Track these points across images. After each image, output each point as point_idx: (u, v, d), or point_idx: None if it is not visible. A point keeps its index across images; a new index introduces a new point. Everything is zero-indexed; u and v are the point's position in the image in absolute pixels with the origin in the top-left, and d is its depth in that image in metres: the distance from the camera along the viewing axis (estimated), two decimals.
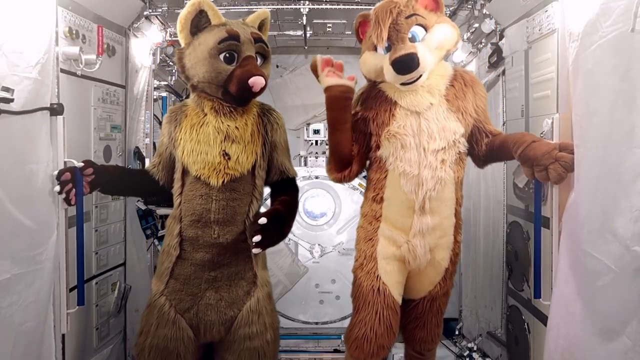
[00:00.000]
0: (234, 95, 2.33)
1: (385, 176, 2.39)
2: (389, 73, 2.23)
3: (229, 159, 2.38)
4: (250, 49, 2.34)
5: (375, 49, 2.33)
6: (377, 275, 2.41)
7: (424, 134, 2.29)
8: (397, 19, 2.25)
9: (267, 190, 2.62)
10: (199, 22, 2.39)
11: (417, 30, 2.26)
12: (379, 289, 2.40)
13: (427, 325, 2.50)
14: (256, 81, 2.26)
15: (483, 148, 2.44)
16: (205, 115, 2.42)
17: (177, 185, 2.48)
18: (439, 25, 2.29)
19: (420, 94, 2.32)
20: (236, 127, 2.40)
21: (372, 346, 2.37)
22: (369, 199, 2.49)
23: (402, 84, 2.27)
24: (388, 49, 2.28)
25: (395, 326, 2.43)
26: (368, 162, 2.53)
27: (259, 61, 2.40)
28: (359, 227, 2.56)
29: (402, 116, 2.33)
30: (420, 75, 2.24)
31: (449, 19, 2.39)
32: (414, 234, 2.34)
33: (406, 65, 2.17)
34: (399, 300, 2.46)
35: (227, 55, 2.33)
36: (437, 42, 2.27)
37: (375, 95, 2.43)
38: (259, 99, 2.55)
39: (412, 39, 2.26)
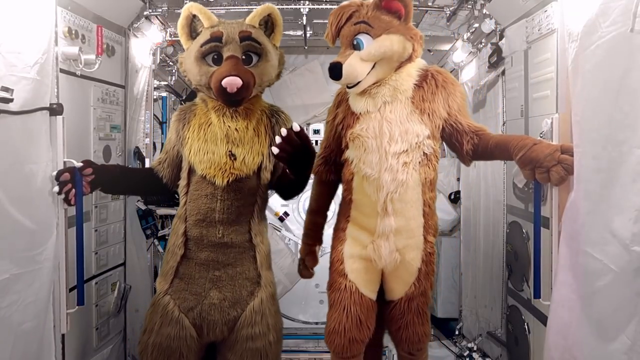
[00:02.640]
0: (216, 97, 2.35)
1: (352, 178, 2.43)
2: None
3: (235, 159, 2.39)
4: (234, 49, 2.34)
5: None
6: (345, 274, 2.46)
7: (385, 136, 2.30)
8: (346, 23, 2.31)
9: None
10: (196, 27, 2.42)
11: (363, 38, 2.28)
12: (345, 286, 2.45)
13: (410, 326, 2.49)
14: (230, 82, 2.23)
15: (467, 146, 2.42)
16: (211, 115, 2.43)
17: (182, 184, 2.49)
18: (387, 36, 2.27)
19: (363, 99, 2.36)
20: (236, 129, 2.40)
21: (342, 339, 2.43)
22: (342, 199, 2.53)
23: (347, 86, 2.35)
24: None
25: (366, 321, 2.46)
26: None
27: (253, 60, 2.39)
28: (334, 227, 2.61)
29: (366, 119, 2.36)
30: (355, 83, 2.28)
31: (410, 28, 2.35)
32: (378, 235, 2.36)
33: (331, 72, 2.26)
34: (372, 296, 2.49)
35: (215, 56, 2.34)
36: (374, 54, 2.26)
37: (347, 99, 2.48)
38: (267, 100, 2.59)
39: (357, 46, 2.29)
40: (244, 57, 2.36)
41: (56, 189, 2.30)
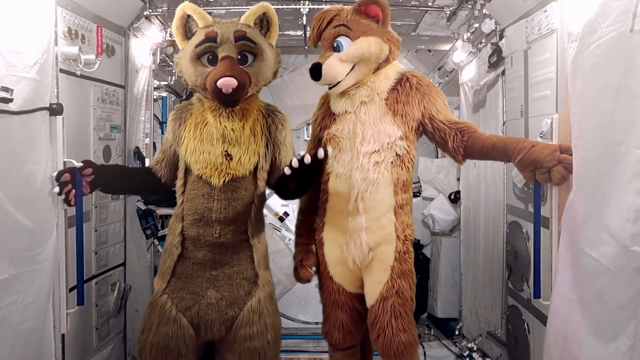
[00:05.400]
0: (212, 97, 2.35)
1: (329, 179, 2.49)
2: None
3: (231, 159, 2.39)
4: (229, 49, 2.33)
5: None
6: (331, 277, 2.56)
7: (358, 136, 2.39)
8: (327, 27, 2.42)
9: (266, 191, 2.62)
10: (191, 27, 2.42)
11: (342, 41, 2.39)
12: (333, 288, 2.57)
13: (387, 330, 2.40)
14: (225, 83, 2.23)
15: (453, 143, 2.43)
16: (207, 115, 2.43)
17: (179, 184, 2.49)
18: (365, 37, 2.37)
19: (343, 99, 2.45)
20: (232, 129, 2.39)
21: (340, 333, 2.58)
22: (319, 199, 2.57)
23: (328, 87, 2.44)
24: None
25: (359, 314, 2.58)
26: None
27: (249, 59, 2.39)
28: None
29: (342, 120, 2.46)
30: (335, 83, 2.38)
31: (387, 31, 2.44)
32: (350, 233, 2.43)
33: (312, 73, 2.36)
34: (360, 291, 2.56)
35: (210, 57, 2.35)
36: (352, 56, 2.36)
37: (328, 101, 2.58)
38: (264, 99, 2.60)
39: (336, 48, 2.39)
40: (239, 57, 2.36)
41: (56, 189, 2.30)
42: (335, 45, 2.38)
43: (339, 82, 2.38)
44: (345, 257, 2.48)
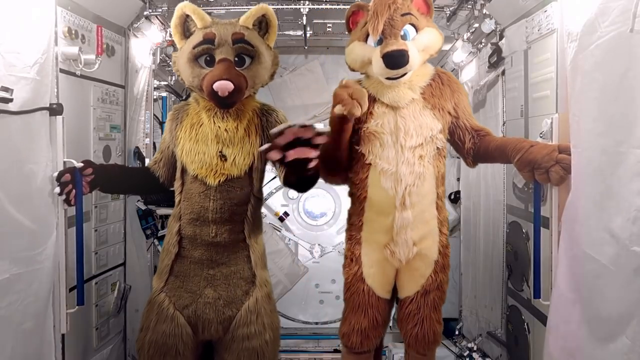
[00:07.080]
0: (208, 99, 2.35)
1: (367, 175, 2.45)
2: (377, 66, 2.30)
3: (226, 160, 2.39)
4: (227, 51, 2.34)
5: (365, 40, 2.39)
6: (362, 278, 2.51)
7: (401, 131, 2.36)
8: (394, 14, 2.32)
9: (266, 190, 2.62)
10: (190, 26, 2.42)
11: (409, 29, 2.34)
12: (363, 290, 2.51)
13: (425, 322, 2.49)
14: (221, 86, 2.24)
15: (469, 144, 2.48)
16: (202, 115, 2.44)
17: (177, 183, 2.51)
18: (429, 28, 2.38)
19: (402, 89, 2.38)
20: (226, 129, 2.40)
21: (358, 337, 2.53)
22: (354, 196, 2.54)
23: (388, 78, 2.33)
24: (379, 42, 2.34)
25: (381, 319, 2.54)
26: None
27: (246, 62, 2.39)
28: (347, 227, 2.62)
29: (380, 114, 2.40)
30: (406, 73, 2.31)
31: (435, 25, 2.48)
32: (397, 230, 2.39)
33: (396, 60, 2.25)
34: (387, 296, 2.55)
35: (208, 58, 2.35)
36: (425, 44, 2.36)
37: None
38: (264, 99, 2.61)
39: (403, 37, 2.33)
40: (236, 59, 2.36)
41: (57, 189, 2.31)
42: (402, 34, 2.33)
43: (405, 74, 2.32)
44: (383, 259, 2.45)
